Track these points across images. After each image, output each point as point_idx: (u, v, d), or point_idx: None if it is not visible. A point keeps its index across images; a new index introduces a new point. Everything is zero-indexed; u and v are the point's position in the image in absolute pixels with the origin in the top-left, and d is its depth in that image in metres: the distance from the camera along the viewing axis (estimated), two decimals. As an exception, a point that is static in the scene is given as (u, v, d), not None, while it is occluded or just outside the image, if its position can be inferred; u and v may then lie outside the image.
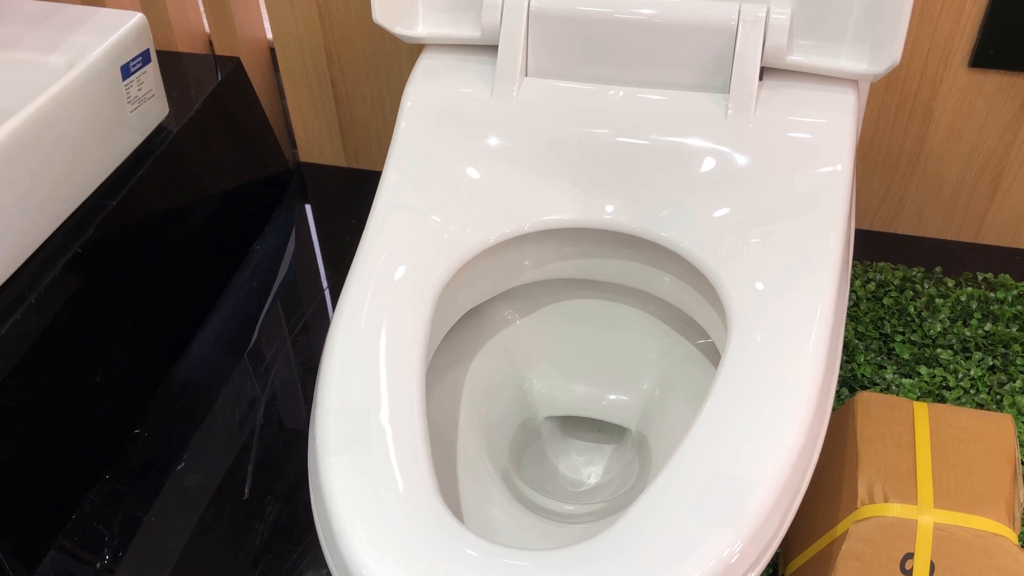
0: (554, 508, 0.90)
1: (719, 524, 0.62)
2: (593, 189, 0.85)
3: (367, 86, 1.42)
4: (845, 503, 0.90)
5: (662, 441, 0.93)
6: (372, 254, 0.80)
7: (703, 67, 0.88)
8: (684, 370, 0.95)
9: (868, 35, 0.86)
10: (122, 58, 1.12)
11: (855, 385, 1.19)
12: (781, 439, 0.66)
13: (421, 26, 0.96)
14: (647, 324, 0.97)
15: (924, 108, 1.25)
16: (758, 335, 0.73)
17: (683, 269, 0.85)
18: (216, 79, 1.34)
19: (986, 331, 1.24)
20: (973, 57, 1.19)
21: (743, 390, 0.69)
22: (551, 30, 0.90)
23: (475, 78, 0.92)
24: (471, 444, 0.90)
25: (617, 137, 0.87)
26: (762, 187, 0.82)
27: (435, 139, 0.89)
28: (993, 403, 1.17)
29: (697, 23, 0.87)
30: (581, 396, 1.00)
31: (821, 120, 0.86)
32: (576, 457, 1.01)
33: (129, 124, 1.16)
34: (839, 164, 0.83)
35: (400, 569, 0.61)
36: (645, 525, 0.62)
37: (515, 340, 0.97)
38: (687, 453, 0.66)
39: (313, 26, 1.37)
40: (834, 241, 0.78)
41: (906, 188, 1.34)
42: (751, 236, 0.79)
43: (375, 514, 0.64)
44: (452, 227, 0.82)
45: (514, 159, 0.87)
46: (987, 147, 1.27)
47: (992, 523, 0.85)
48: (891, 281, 1.32)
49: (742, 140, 0.85)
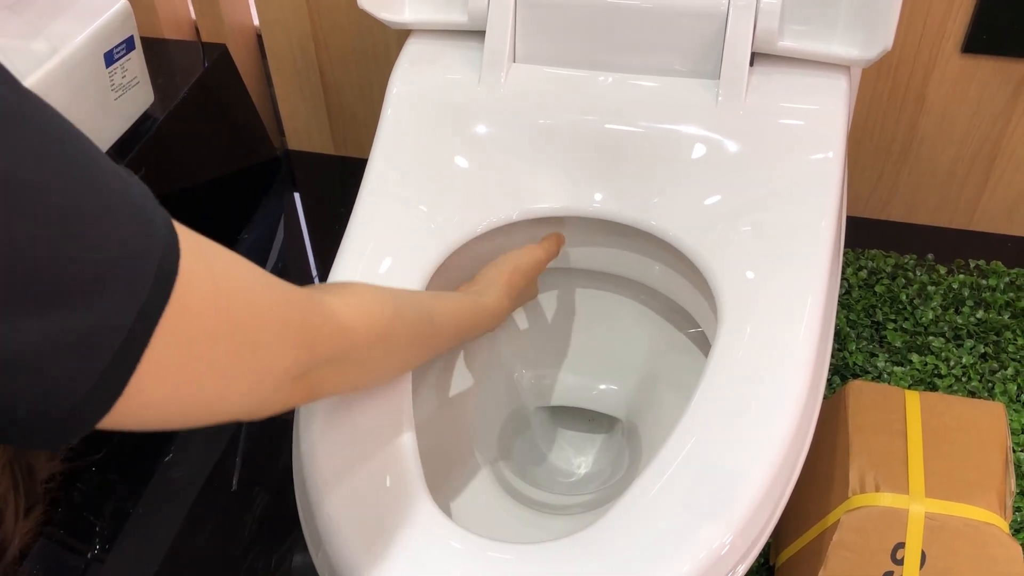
0: (543, 499, 0.89)
1: (709, 516, 0.61)
2: (582, 177, 0.84)
3: (355, 73, 1.41)
4: (836, 492, 0.89)
5: (652, 430, 0.92)
6: (357, 245, 0.79)
7: (693, 53, 0.87)
8: (674, 359, 0.94)
9: (860, 20, 0.85)
10: (105, 45, 1.10)
11: (847, 373, 1.19)
12: (771, 430, 0.66)
13: (408, 11, 0.94)
14: (637, 313, 0.96)
15: (916, 94, 1.25)
16: (748, 324, 0.72)
17: (673, 257, 0.84)
18: (202, 66, 1.32)
19: (978, 319, 1.24)
20: (966, 42, 1.18)
21: (733, 380, 0.68)
22: (539, 15, 0.89)
23: (462, 64, 0.91)
24: (460, 435, 0.89)
25: (606, 124, 0.86)
26: (753, 174, 0.82)
27: (422, 126, 0.87)
28: (985, 391, 1.16)
29: (687, 8, 0.86)
30: (571, 386, 0.99)
31: (813, 106, 0.85)
32: (566, 447, 1.01)
33: (113, 112, 1.14)
34: (830, 151, 0.82)
35: (385, 563, 0.60)
36: (634, 518, 0.62)
37: (504, 330, 0.96)
38: (676, 445, 0.65)
39: (300, 12, 1.36)
40: (825, 229, 0.77)
41: (898, 175, 1.34)
42: (741, 224, 0.79)
43: (360, 507, 0.63)
44: (439, 216, 0.81)
45: (502, 146, 0.86)
46: (980, 133, 1.26)
47: (983, 512, 0.84)
48: (883, 268, 1.31)
49: (732, 126, 0.84)
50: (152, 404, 0.40)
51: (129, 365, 0.37)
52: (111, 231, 0.36)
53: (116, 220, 0.37)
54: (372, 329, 0.57)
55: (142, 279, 0.37)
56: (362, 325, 0.56)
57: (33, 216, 0.34)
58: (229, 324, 0.43)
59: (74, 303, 0.35)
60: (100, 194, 0.37)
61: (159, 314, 0.38)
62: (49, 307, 0.34)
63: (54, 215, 0.34)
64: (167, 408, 0.41)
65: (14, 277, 0.33)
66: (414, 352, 0.67)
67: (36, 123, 0.35)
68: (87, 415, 0.37)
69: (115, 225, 0.37)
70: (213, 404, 0.44)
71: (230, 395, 0.45)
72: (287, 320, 0.48)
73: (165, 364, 0.39)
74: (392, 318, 0.59)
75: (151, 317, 0.38)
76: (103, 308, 0.36)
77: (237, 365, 0.44)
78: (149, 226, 0.38)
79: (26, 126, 0.35)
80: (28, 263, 0.33)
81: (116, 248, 0.36)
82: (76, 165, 0.36)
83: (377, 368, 0.63)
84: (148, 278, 0.37)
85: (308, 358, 0.50)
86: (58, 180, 0.35)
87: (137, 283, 0.37)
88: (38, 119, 0.35)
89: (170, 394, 0.40)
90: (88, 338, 0.36)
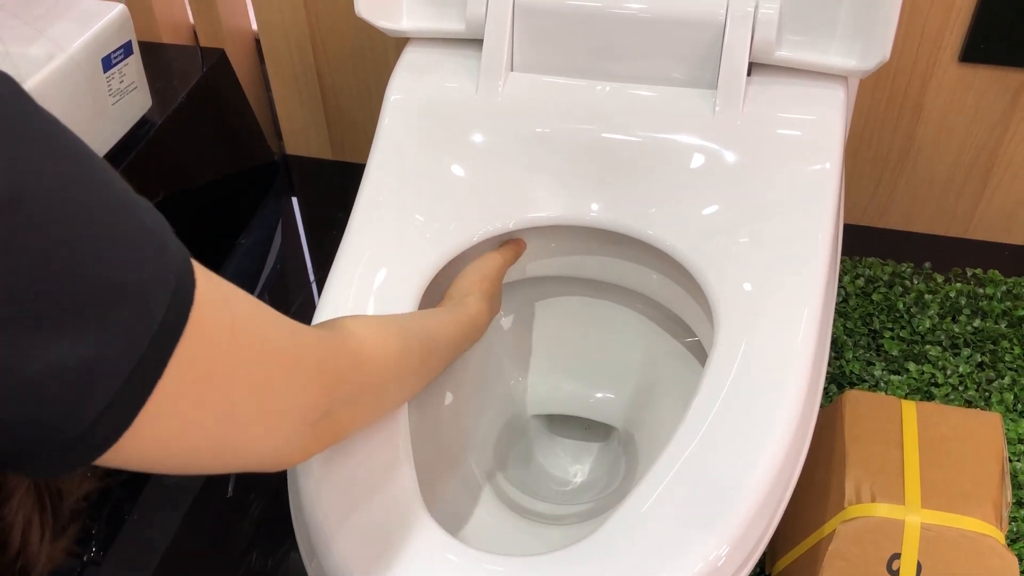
0: (540, 509, 0.89)
1: (705, 529, 0.61)
2: (579, 186, 0.84)
3: (354, 77, 1.41)
4: (832, 502, 0.89)
5: (649, 439, 0.92)
6: (353, 254, 0.79)
7: (691, 62, 0.87)
8: (671, 368, 0.94)
9: (857, 31, 0.85)
10: (103, 50, 1.10)
11: (843, 382, 1.19)
12: (767, 442, 0.66)
13: (405, 19, 0.94)
14: (634, 322, 0.96)
15: (914, 103, 1.25)
16: (745, 336, 0.72)
17: (670, 267, 0.84)
18: (201, 71, 1.32)
19: (975, 327, 1.24)
20: (963, 51, 1.18)
21: (729, 392, 0.68)
22: (537, 24, 0.89)
23: (460, 73, 0.91)
24: (456, 444, 0.89)
25: (603, 133, 0.86)
26: (749, 184, 0.82)
27: (419, 135, 0.87)
28: (981, 400, 1.16)
29: (685, 17, 0.86)
30: (568, 394, 0.99)
31: (810, 116, 0.85)
32: (562, 455, 1.00)
33: (111, 116, 1.14)
34: (827, 162, 0.82)
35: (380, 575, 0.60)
36: (630, 530, 0.62)
37: (501, 339, 0.96)
38: (672, 456, 0.65)
39: (299, 16, 1.36)
40: (822, 240, 0.77)
41: (896, 183, 1.34)
42: (738, 235, 0.79)
43: (354, 517, 0.63)
44: (435, 225, 0.81)
45: (499, 155, 0.86)
46: (977, 142, 1.26)
47: (979, 523, 0.84)
48: (880, 277, 1.31)
49: (730, 136, 0.84)
50: (161, 441, 0.38)
51: (141, 394, 0.36)
52: (125, 254, 0.35)
53: (130, 243, 0.36)
54: (385, 364, 0.56)
55: (157, 304, 0.36)
56: (375, 361, 0.55)
57: (44, 236, 0.33)
58: (245, 360, 0.41)
59: (84, 327, 0.34)
60: (114, 217, 0.36)
61: (174, 342, 0.37)
62: (58, 330, 0.33)
63: (66, 236, 0.33)
64: (176, 446, 0.39)
65: (22, 298, 0.32)
66: (422, 378, 0.66)
67: (50, 142, 0.34)
68: (91, 445, 0.35)
69: (129, 248, 0.36)
70: (226, 447, 0.42)
71: (244, 439, 0.43)
72: (301, 360, 0.46)
73: (178, 396, 0.37)
74: (401, 349, 0.59)
75: (166, 344, 0.36)
76: (114, 332, 0.35)
77: (253, 405, 0.42)
78: (163, 252, 0.37)
79: (40, 145, 0.34)
80: (37, 284, 0.32)
81: (129, 271, 0.35)
82: (90, 187, 0.35)
83: (392, 400, 0.62)
84: (163, 304, 0.36)
85: (325, 401, 0.49)
86: (72, 201, 0.34)
87: (151, 308, 0.36)
88: (52, 138, 0.35)
89: (181, 431, 0.39)
90: (98, 363, 0.34)
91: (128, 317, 0.35)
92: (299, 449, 0.48)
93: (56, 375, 0.33)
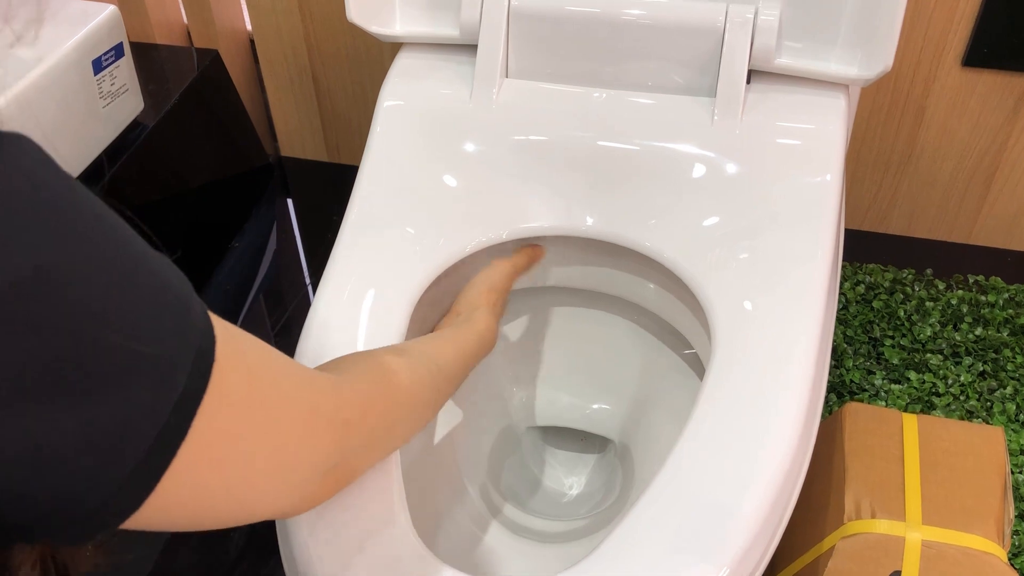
0: (534, 526, 0.88)
1: (701, 556, 0.60)
2: (574, 195, 0.83)
3: (349, 79, 1.39)
4: (831, 518, 0.88)
5: (645, 452, 0.91)
6: (344, 266, 0.77)
7: (689, 70, 0.85)
8: (668, 381, 0.92)
9: (859, 39, 0.83)
10: (93, 52, 1.08)
11: (843, 391, 1.17)
12: (765, 464, 0.64)
13: (398, 24, 0.93)
14: (631, 333, 0.95)
15: (916, 107, 1.23)
16: (742, 351, 0.71)
17: (667, 278, 0.82)
18: (194, 72, 1.30)
19: (977, 336, 1.22)
20: (966, 56, 1.16)
21: (726, 411, 0.67)
22: (532, 30, 0.87)
23: (454, 79, 0.89)
24: (447, 456, 0.88)
25: (599, 141, 0.85)
26: (748, 195, 0.80)
27: (411, 143, 0.86)
28: (983, 410, 1.15)
29: (683, 24, 0.84)
30: (563, 406, 0.98)
31: (810, 126, 0.83)
32: (557, 468, 0.99)
33: (102, 119, 1.13)
34: (828, 173, 0.80)
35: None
36: (624, 556, 0.60)
37: (496, 349, 0.95)
38: (668, 478, 0.63)
39: (293, 18, 1.34)
40: (822, 253, 0.76)
41: (897, 188, 1.32)
42: (735, 247, 0.77)
43: (338, 538, 0.61)
44: (427, 236, 0.79)
45: (493, 164, 0.84)
46: (980, 147, 1.25)
47: (981, 540, 0.83)
48: (881, 283, 1.30)
49: (728, 146, 0.83)
50: (180, 503, 0.38)
51: (164, 459, 0.36)
52: (149, 322, 0.35)
53: (154, 310, 0.36)
54: (397, 403, 0.56)
55: (180, 370, 0.36)
56: (388, 403, 0.55)
57: (70, 307, 0.32)
58: (263, 414, 0.42)
59: (110, 398, 0.34)
60: (139, 285, 0.36)
61: (197, 405, 0.37)
62: (83, 402, 0.33)
63: (93, 310, 0.33)
64: (197, 505, 0.40)
65: (49, 372, 0.32)
66: (435, 407, 0.66)
67: (78, 211, 0.34)
68: (115, 512, 0.35)
69: (153, 315, 0.36)
70: (243, 502, 0.42)
71: (259, 492, 0.43)
72: (317, 408, 0.46)
73: (198, 457, 0.37)
74: (411, 384, 0.58)
75: (188, 408, 0.37)
76: (138, 402, 0.35)
77: (269, 458, 0.43)
78: (187, 315, 0.37)
79: (68, 215, 0.34)
80: (64, 359, 0.32)
81: (153, 338, 0.35)
82: (116, 255, 0.35)
83: (403, 436, 0.61)
84: (185, 368, 0.36)
85: (337, 450, 0.49)
86: (98, 273, 0.34)
87: (174, 374, 0.36)
88: (79, 207, 0.34)
89: (202, 491, 0.39)
90: (122, 430, 0.34)
91: (152, 385, 0.35)
92: (308, 499, 0.48)
93: (81, 446, 0.33)
